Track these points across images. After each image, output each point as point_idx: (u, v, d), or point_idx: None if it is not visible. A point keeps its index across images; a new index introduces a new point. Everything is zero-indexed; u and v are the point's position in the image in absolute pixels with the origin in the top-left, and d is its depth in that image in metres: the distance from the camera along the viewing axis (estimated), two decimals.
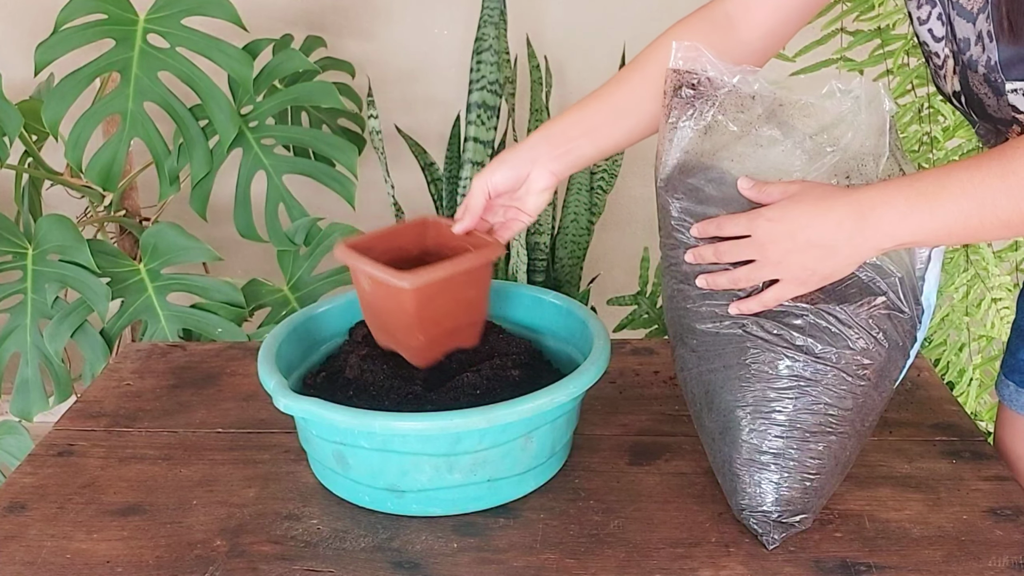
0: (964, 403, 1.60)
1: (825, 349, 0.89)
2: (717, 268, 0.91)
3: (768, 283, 0.90)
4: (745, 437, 0.91)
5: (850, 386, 0.90)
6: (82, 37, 1.71)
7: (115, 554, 0.93)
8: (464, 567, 0.90)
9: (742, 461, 0.92)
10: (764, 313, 0.90)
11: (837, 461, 0.92)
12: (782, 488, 0.91)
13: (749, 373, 0.91)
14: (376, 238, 1.08)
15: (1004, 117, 0.91)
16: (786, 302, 0.90)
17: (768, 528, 0.91)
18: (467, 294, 1.03)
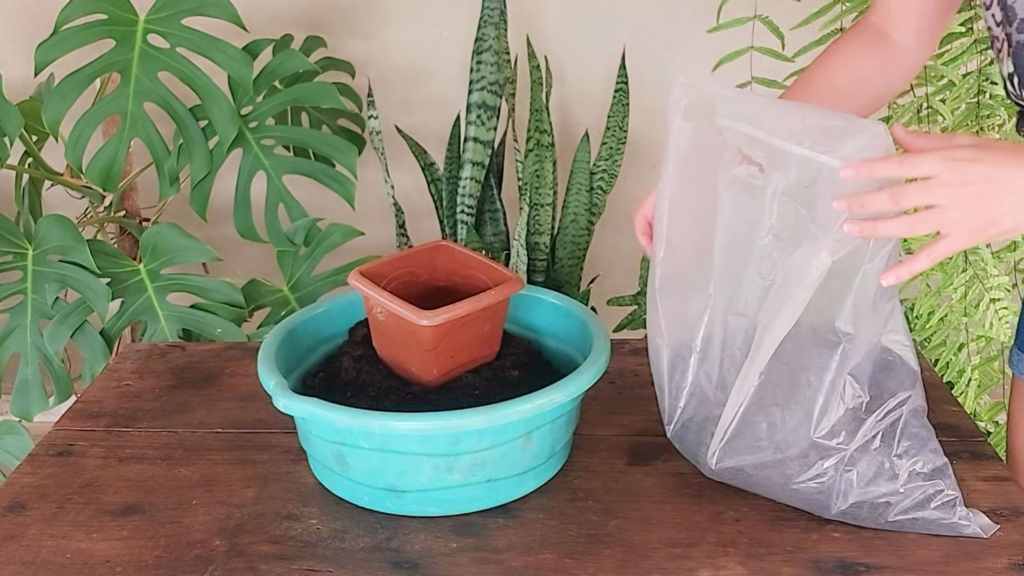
0: (963, 403, 1.60)
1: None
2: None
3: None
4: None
5: None
6: (82, 37, 1.71)
7: (114, 554, 0.93)
8: (463, 567, 0.90)
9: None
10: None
11: None
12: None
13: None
14: (388, 263, 1.08)
15: None
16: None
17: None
18: (483, 329, 1.03)
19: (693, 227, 0.94)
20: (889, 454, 0.91)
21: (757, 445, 0.92)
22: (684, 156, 0.93)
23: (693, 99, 0.92)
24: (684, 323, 0.95)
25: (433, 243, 1.12)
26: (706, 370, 0.96)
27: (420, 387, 1.02)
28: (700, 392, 0.97)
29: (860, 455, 0.90)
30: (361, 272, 1.04)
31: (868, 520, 0.92)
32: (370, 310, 1.05)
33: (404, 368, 1.04)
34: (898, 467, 0.91)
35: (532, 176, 1.91)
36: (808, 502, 0.93)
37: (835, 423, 0.89)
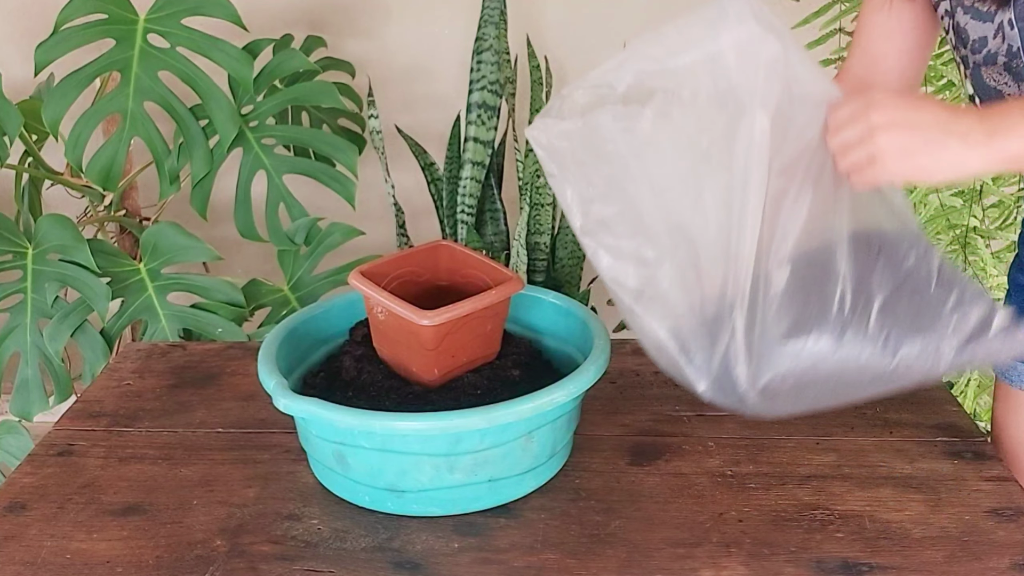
0: (963, 403, 1.60)
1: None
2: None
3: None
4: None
5: None
6: (82, 37, 1.71)
7: (115, 554, 0.93)
8: (464, 567, 0.90)
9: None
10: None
11: None
12: None
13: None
14: (388, 263, 1.08)
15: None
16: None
17: None
18: (484, 328, 1.03)
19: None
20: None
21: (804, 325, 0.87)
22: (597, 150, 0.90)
23: (586, 96, 0.90)
24: (686, 286, 0.92)
25: (433, 243, 1.12)
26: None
27: (421, 387, 1.02)
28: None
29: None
30: (361, 272, 1.04)
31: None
32: (370, 310, 1.04)
33: (405, 368, 1.03)
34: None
35: (532, 176, 1.90)
36: (909, 371, 0.89)
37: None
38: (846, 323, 0.87)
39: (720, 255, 0.87)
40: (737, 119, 0.85)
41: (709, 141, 0.87)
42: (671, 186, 0.88)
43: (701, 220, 0.87)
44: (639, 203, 0.89)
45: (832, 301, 0.87)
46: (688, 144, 0.88)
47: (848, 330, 0.86)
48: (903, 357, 0.86)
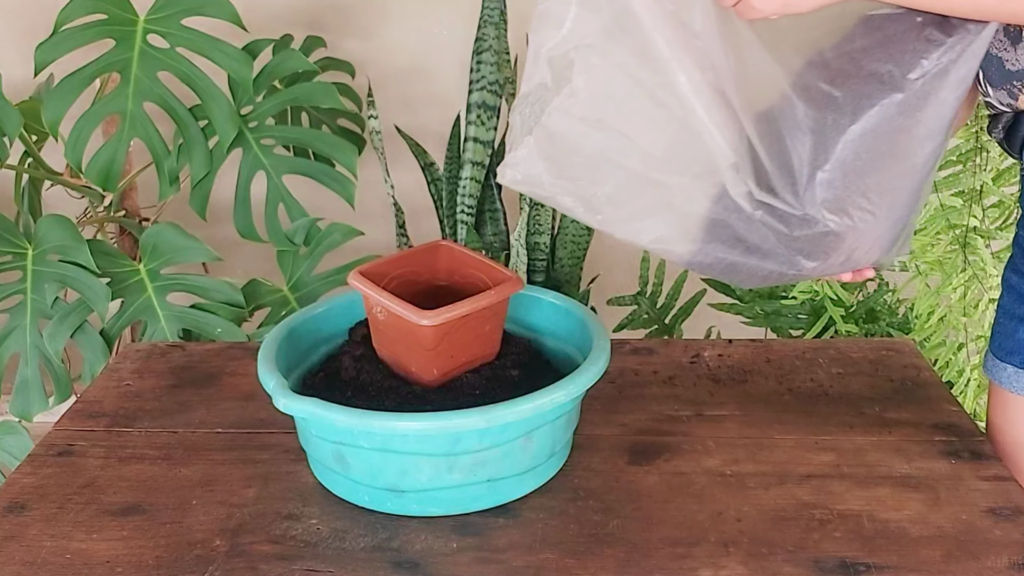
0: (962, 403, 1.60)
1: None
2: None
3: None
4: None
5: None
6: (82, 37, 1.71)
7: (115, 554, 0.93)
8: (464, 567, 0.90)
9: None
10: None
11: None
12: None
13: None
14: (388, 263, 1.08)
15: (1022, 68, 0.94)
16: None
17: None
18: (484, 328, 1.03)
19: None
20: None
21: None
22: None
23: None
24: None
25: (433, 243, 1.12)
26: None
27: (420, 387, 1.02)
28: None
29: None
30: (361, 272, 1.04)
31: None
32: (370, 310, 1.05)
33: (404, 368, 1.04)
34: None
35: None
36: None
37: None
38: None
39: (709, 140, 0.87)
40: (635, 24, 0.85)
41: (635, 58, 0.86)
42: (640, 121, 0.88)
43: (678, 126, 0.87)
44: (628, 158, 0.89)
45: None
46: (623, 75, 0.87)
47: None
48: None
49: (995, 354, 1.11)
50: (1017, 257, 1.11)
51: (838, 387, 1.20)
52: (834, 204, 0.87)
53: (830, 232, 0.87)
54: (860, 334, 1.86)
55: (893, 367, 1.24)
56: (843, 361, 1.26)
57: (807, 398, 1.17)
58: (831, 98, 0.85)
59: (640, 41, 0.85)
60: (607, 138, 0.88)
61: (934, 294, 1.68)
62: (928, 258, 1.66)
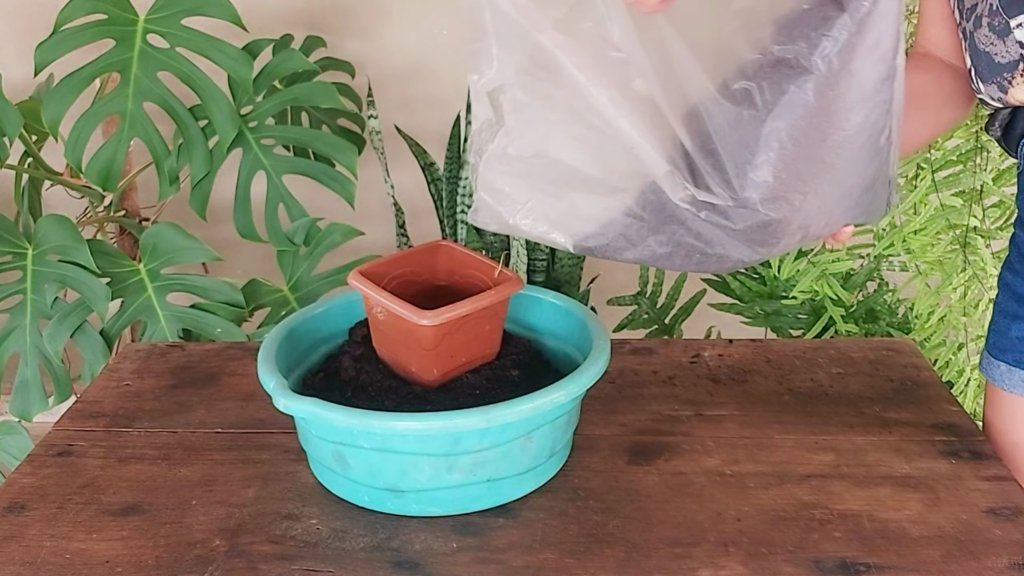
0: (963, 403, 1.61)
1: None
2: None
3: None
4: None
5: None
6: (82, 37, 1.71)
7: (114, 554, 0.93)
8: (463, 567, 0.90)
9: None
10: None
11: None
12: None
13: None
14: (388, 263, 1.08)
15: (1012, 60, 0.96)
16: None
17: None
18: (484, 328, 1.03)
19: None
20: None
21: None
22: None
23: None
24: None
25: (433, 243, 1.12)
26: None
27: (420, 387, 1.02)
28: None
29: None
30: (361, 272, 1.04)
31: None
32: (370, 310, 1.05)
33: (404, 368, 1.04)
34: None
35: None
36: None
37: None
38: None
39: (641, 154, 0.88)
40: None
41: (557, 88, 0.87)
42: (575, 146, 0.89)
43: (611, 145, 0.88)
44: (572, 185, 0.90)
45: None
46: (550, 106, 0.88)
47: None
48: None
49: (990, 352, 1.12)
50: (1013, 257, 1.11)
51: (838, 387, 1.20)
52: (770, 195, 0.87)
53: (772, 221, 0.88)
54: (860, 334, 1.86)
55: (893, 367, 1.24)
56: (843, 361, 1.26)
57: (807, 398, 1.17)
58: (746, 91, 0.85)
59: (556, 70, 0.87)
60: (547, 169, 0.90)
61: (934, 294, 1.68)
62: (928, 258, 1.66)
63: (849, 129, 0.88)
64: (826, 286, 1.75)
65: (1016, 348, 1.09)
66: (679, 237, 0.90)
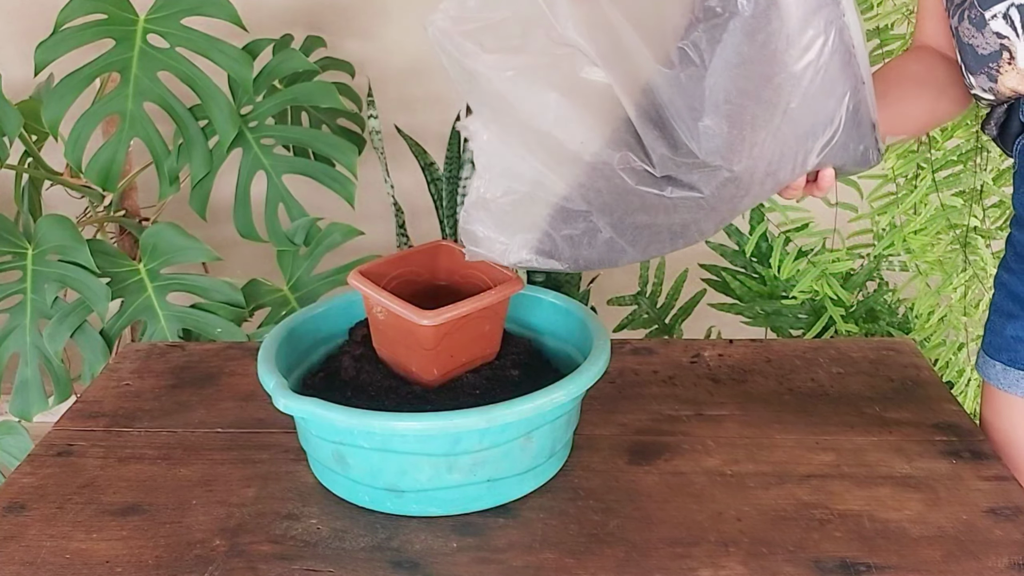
0: (963, 403, 1.61)
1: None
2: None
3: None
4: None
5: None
6: (82, 37, 1.71)
7: (114, 554, 0.93)
8: (463, 567, 0.90)
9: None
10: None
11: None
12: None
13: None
14: (388, 263, 1.08)
15: (993, 50, 0.99)
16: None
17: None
18: (483, 329, 1.03)
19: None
20: None
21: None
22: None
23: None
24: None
25: (433, 243, 1.12)
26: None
27: (420, 387, 1.02)
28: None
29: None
30: (361, 272, 1.04)
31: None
32: (370, 310, 1.05)
33: (404, 368, 1.04)
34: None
35: None
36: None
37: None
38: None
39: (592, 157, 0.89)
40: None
41: (513, 123, 0.90)
42: (544, 171, 0.91)
43: (573, 157, 0.90)
44: (549, 204, 0.92)
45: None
46: (510, 142, 0.91)
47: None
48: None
49: (985, 351, 1.13)
50: (1009, 256, 1.12)
51: (838, 387, 1.20)
52: (726, 148, 0.86)
53: (736, 175, 0.88)
54: (860, 334, 1.86)
55: (893, 367, 1.24)
56: (843, 361, 1.26)
57: (807, 398, 1.17)
58: (683, 52, 0.85)
59: (506, 98, 0.89)
60: (521, 202, 0.91)
61: (934, 294, 1.68)
62: (928, 258, 1.66)
63: (794, 67, 0.87)
64: (826, 286, 1.75)
65: (1011, 347, 1.09)
66: (657, 224, 0.91)
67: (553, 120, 0.87)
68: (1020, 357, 1.08)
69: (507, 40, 0.88)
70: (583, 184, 0.90)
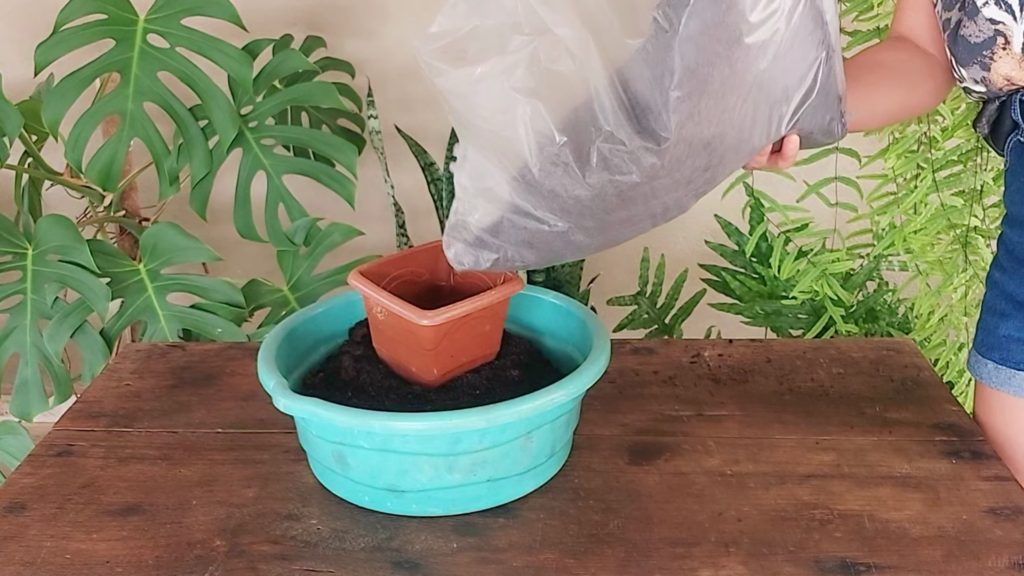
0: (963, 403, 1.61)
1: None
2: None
3: None
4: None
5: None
6: (82, 37, 1.71)
7: (114, 554, 0.93)
8: (464, 567, 0.90)
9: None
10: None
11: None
12: None
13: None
14: (388, 263, 1.08)
15: (987, 37, 0.99)
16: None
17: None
18: (484, 329, 1.03)
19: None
20: None
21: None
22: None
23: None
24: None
25: (433, 243, 1.12)
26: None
27: (420, 387, 1.02)
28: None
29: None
30: (361, 272, 1.04)
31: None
32: (370, 310, 1.05)
33: (404, 368, 1.04)
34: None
35: None
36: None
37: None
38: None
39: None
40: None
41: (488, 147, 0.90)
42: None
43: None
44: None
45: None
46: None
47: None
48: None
49: (977, 350, 1.13)
50: (1001, 255, 1.12)
51: (838, 387, 1.20)
52: (699, 113, 0.86)
53: (709, 138, 0.87)
54: (860, 334, 1.86)
55: (893, 367, 1.24)
56: (843, 361, 1.26)
57: (807, 398, 1.17)
58: (653, 21, 0.84)
59: (465, 120, 0.90)
60: (502, 222, 0.92)
61: (935, 294, 1.68)
62: (929, 258, 1.66)
63: (762, 34, 0.86)
64: (826, 286, 1.75)
65: (1003, 346, 1.09)
66: (637, 215, 0.91)
67: (507, 127, 0.87)
68: (1012, 356, 1.09)
69: (482, 50, 0.88)
70: (557, 194, 0.89)
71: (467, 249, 0.95)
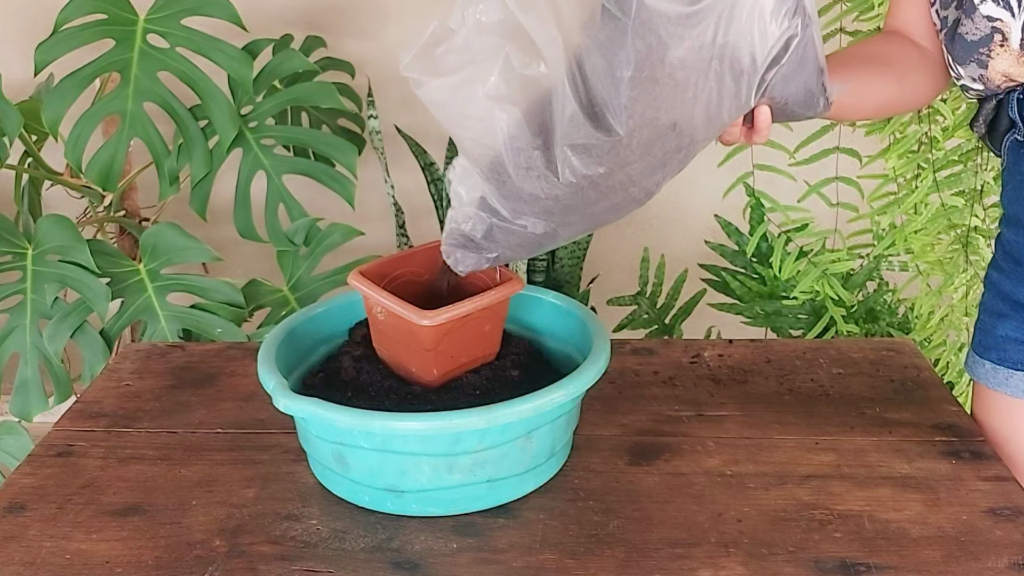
0: (964, 403, 1.61)
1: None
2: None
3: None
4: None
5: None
6: (82, 37, 1.71)
7: (114, 554, 0.93)
8: (463, 567, 0.90)
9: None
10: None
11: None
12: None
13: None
14: (388, 263, 1.08)
15: (984, 34, 0.99)
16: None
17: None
18: (484, 329, 1.03)
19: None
20: None
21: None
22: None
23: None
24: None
25: (433, 243, 1.12)
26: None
27: (420, 387, 1.02)
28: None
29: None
30: (361, 272, 1.04)
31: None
32: (370, 310, 1.04)
33: (404, 368, 1.03)
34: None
35: None
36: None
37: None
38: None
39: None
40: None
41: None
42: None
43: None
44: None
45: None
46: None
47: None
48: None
49: (975, 351, 1.13)
50: (999, 255, 1.12)
51: (838, 387, 1.20)
52: (662, 95, 0.85)
53: (674, 120, 0.86)
54: (860, 334, 1.86)
55: (894, 367, 1.24)
56: (843, 361, 1.26)
57: (807, 398, 1.17)
58: (604, 10, 0.83)
59: (449, 128, 0.89)
60: (494, 228, 0.92)
61: (935, 294, 1.68)
62: (929, 258, 1.66)
63: (718, 8, 0.84)
64: (826, 286, 1.75)
65: (1001, 346, 1.09)
66: (617, 204, 0.91)
67: (485, 134, 0.87)
68: (1009, 356, 1.09)
69: (459, 59, 0.88)
70: (538, 197, 0.89)
71: (466, 255, 0.96)
